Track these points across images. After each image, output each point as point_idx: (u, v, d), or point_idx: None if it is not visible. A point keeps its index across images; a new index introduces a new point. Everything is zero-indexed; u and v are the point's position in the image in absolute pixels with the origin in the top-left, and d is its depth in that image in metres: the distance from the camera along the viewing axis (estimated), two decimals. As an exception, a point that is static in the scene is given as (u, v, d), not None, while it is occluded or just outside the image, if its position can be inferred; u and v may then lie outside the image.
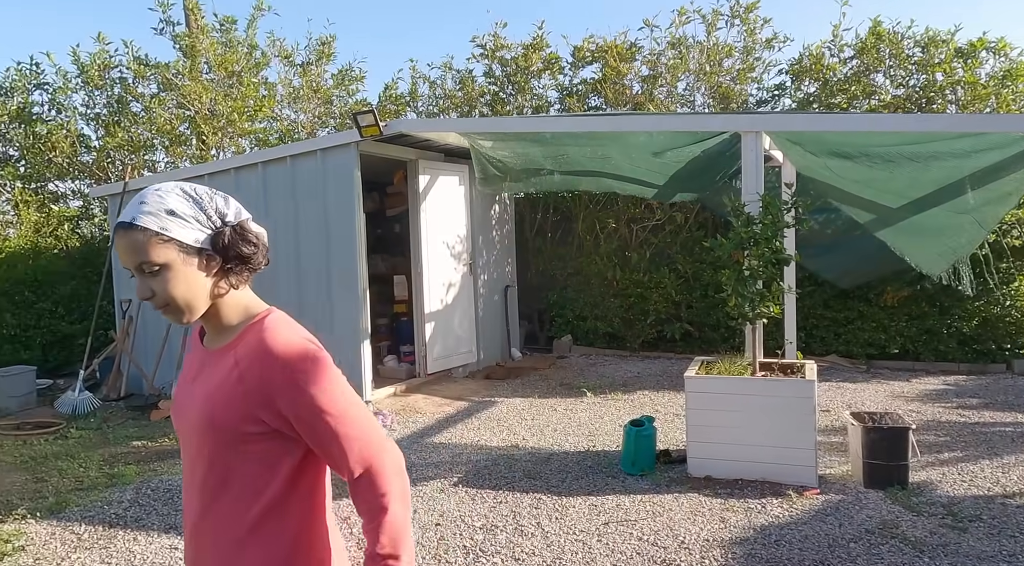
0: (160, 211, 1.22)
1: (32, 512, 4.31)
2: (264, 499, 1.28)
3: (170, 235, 1.22)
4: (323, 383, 1.25)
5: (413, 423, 6.14)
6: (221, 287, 1.31)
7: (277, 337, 1.27)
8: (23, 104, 9.48)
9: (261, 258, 1.37)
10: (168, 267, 1.23)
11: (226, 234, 1.28)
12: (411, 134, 6.72)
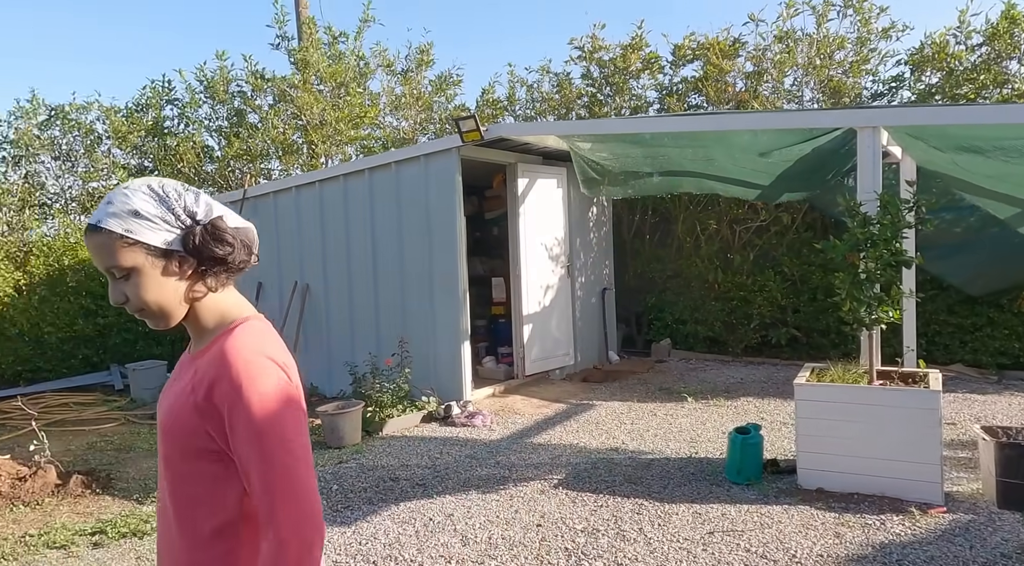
0: (124, 212, 1.15)
1: (165, 495, 4.67)
2: (215, 521, 1.20)
3: (135, 238, 1.15)
4: (261, 409, 1.13)
5: (512, 424, 6.21)
6: (198, 290, 1.23)
7: (234, 347, 1.17)
8: (156, 119, 10.32)
9: (241, 257, 1.26)
10: (137, 271, 1.16)
11: (196, 233, 1.19)
12: (511, 138, 6.80)
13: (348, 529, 3.99)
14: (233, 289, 1.31)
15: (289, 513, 1.11)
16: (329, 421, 5.73)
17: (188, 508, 1.21)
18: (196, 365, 1.23)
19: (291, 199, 8.09)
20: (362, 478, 4.88)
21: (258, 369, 1.15)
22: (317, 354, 7.96)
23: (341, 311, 7.73)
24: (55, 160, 9.86)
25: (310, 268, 7.98)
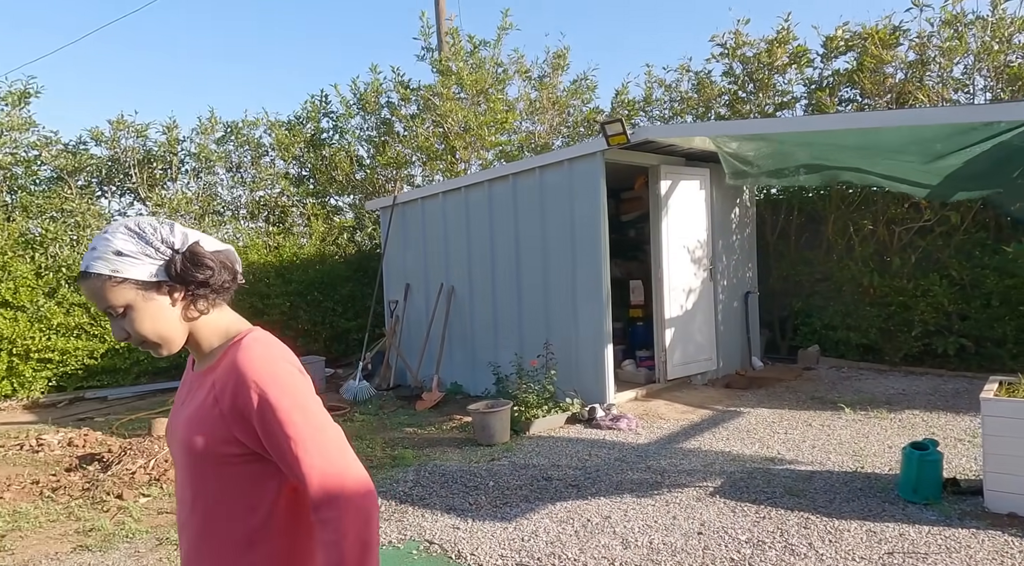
0: (108, 254, 1.22)
1: (338, 482, 5.04)
2: (253, 521, 1.27)
3: (123, 276, 1.22)
4: (290, 403, 1.21)
5: (658, 428, 6.16)
6: (191, 313, 1.30)
7: (249, 355, 1.24)
8: (314, 131, 11.14)
9: (223, 278, 1.31)
10: (131, 307, 1.24)
11: (177, 261, 1.25)
12: (656, 140, 6.75)
13: (509, 525, 4.14)
14: (227, 308, 1.38)
15: (342, 489, 1.19)
16: (480, 419, 5.95)
17: (221, 520, 1.27)
18: (211, 379, 1.28)
19: (438, 204, 8.45)
20: (516, 476, 5.03)
21: (277, 369, 1.23)
22: (461, 354, 8.27)
23: (485, 313, 7.98)
24: (227, 172, 10.89)
25: (455, 271, 8.30)
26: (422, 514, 4.41)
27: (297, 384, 1.25)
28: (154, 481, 5.23)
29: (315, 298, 10.22)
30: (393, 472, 5.28)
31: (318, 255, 10.48)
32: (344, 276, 10.51)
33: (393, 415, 7.33)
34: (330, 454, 1.21)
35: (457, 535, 4.05)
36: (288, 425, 1.20)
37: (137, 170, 9.97)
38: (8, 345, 8.33)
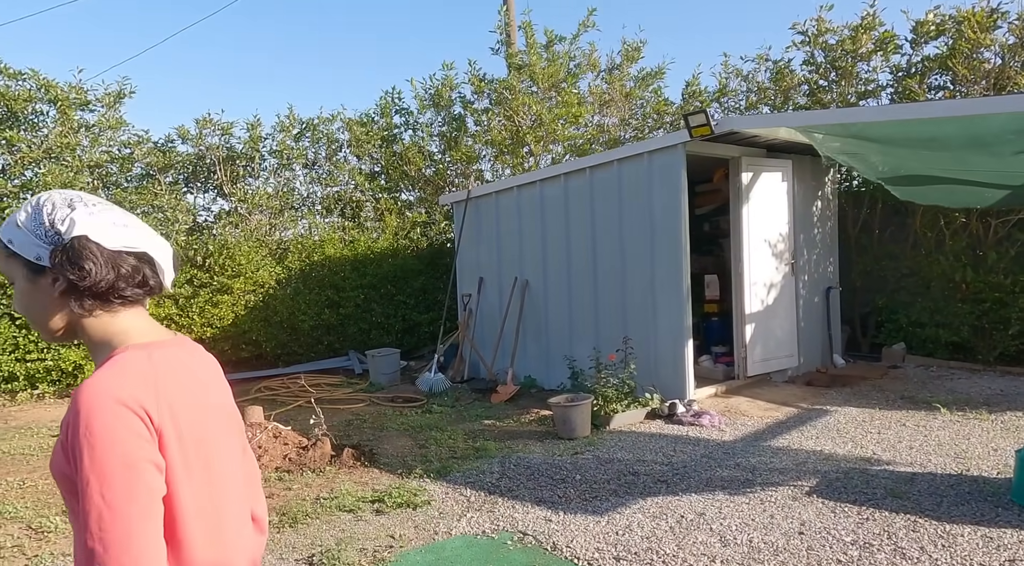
0: (12, 222, 1.13)
1: (426, 473, 5.13)
2: None
3: (12, 248, 1.13)
4: (92, 458, 1.00)
5: (742, 425, 6.05)
6: (75, 309, 1.14)
7: (85, 387, 1.06)
8: (388, 126, 11.33)
9: (106, 279, 1.13)
10: (14, 282, 1.15)
11: (58, 252, 1.10)
12: (740, 131, 6.60)
13: (601, 519, 4.13)
14: (128, 313, 1.20)
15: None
16: (561, 413, 5.95)
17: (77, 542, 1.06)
18: None
19: (512, 198, 8.48)
20: (601, 470, 5.02)
21: (100, 415, 1.02)
22: (535, 347, 8.29)
23: (560, 307, 7.98)
24: (304, 168, 11.19)
25: (529, 264, 8.32)
26: (512, 505, 4.44)
27: (111, 437, 1.02)
28: (249, 466, 5.42)
29: (388, 291, 10.40)
30: (478, 463, 5.33)
31: (391, 249, 10.66)
32: (416, 270, 10.66)
33: (470, 407, 7.40)
34: (109, 540, 0.99)
35: (550, 527, 4.06)
36: (83, 482, 1.01)
37: (221, 167, 10.34)
38: (105, 334, 8.77)
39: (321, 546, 3.95)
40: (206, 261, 9.44)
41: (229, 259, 9.49)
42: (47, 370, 8.66)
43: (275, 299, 9.84)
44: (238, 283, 9.59)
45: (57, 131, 8.96)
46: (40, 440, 6.71)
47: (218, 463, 1.21)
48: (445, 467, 5.24)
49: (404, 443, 6.10)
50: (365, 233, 10.69)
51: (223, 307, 9.51)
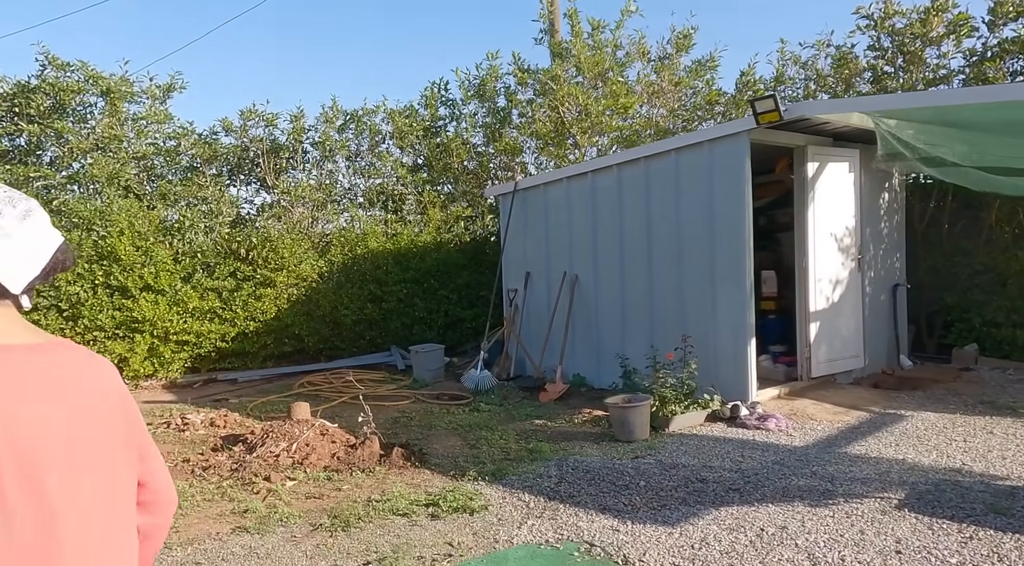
0: None
1: (480, 475, 4.90)
2: None
3: None
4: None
5: (811, 430, 5.69)
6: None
7: None
8: (431, 118, 11.13)
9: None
10: None
11: None
12: (810, 117, 6.23)
13: (673, 530, 3.84)
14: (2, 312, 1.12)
15: None
16: (619, 414, 5.67)
17: None
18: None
19: (562, 190, 8.20)
20: (666, 476, 4.73)
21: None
22: (584, 345, 8.00)
23: (611, 303, 7.68)
24: (346, 160, 11.03)
25: (579, 259, 8.04)
26: (575, 512, 4.18)
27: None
28: (297, 464, 5.26)
29: (431, 286, 10.21)
30: (533, 466, 5.08)
31: (434, 243, 10.46)
32: (460, 265, 10.45)
33: (518, 406, 7.16)
34: None
35: (618, 538, 3.79)
36: None
37: (265, 158, 10.25)
38: (150, 327, 8.73)
39: (376, 552, 3.73)
40: (249, 254, 9.35)
41: (272, 252, 9.39)
42: (93, 362, 8.65)
43: (318, 293, 9.72)
44: (281, 276, 9.48)
45: (105, 123, 8.95)
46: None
47: (60, 494, 1.03)
48: (500, 469, 5.00)
49: (454, 443, 5.88)
50: (408, 227, 10.50)
51: (266, 301, 9.41)
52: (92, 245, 8.62)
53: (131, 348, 8.66)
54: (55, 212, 8.76)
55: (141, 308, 8.64)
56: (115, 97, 8.88)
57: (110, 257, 8.64)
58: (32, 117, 8.79)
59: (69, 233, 8.61)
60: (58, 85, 8.62)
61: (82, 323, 8.51)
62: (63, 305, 8.50)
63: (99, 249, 8.65)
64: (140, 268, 8.71)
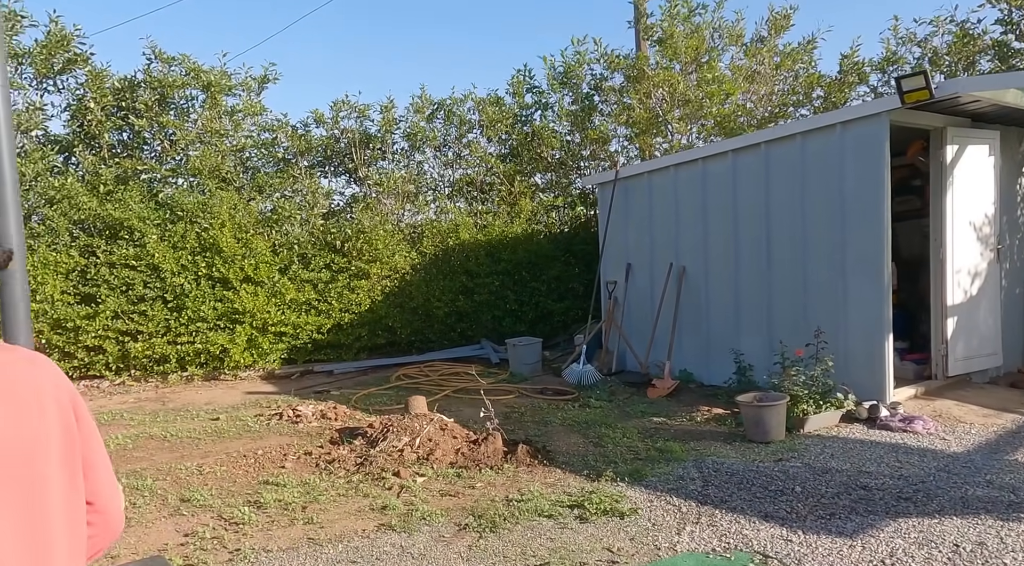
0: None
1: (618, 476, 4.66)
2: None
3: None
4: None
5: (965, 434, 5.27)
6: None
7: None
8: (521, 105, 10.90)
9: None
10: None
11: None
12: (959, 97, 5.75)
13: (854, 542, 3.54)
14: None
15: None
16: (754, 413, 5.36)
17: None
18: None
19: (668, 178, 7.89)
20: (821, 482, 4.41)
21: None
22: (692, 339, 7.68)
23: (723, 296, 7.34)
24: (435, 150, 10.90)
25: (687, 249, 7.71)
26: (735, 519, 3.91)
27: None
28: (423, 460, 5.14)
29: (522, 278, 10.03)
30: (669, 467, 4.83)
31: (525, 234, 10.26)
32: (551, 256, 10.23)
33: (629, 402, 6.91)
34: None
35: (793, 549, 3.51)
36: None
37: (356, 149, 10.22)
38: (250, 318, 8.81)
39: (535, 557, 3.55)
40: (344, 245, 9.34)
41: (366, 244, 9.35)
42: (196, 353, 8.79)
43: (410, 285, 9.65)
44: (375, 268, 9.45)
45: (205, 116, 9.05)
46: (202, 423, 6.71)
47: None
48: (636, 470, 4.76)
49: (576, 440, 5.66)
50: (499, 218, 10.31)
51: (360, 292, 9.39)
52: (195, 237, 8.74)
53: (232, 339, 8.75)
54: (160, 205, 8.91)
55: (242, 299, 8.72)
56: (216, 90, 8.96)
57: (212, 249, 8.74)
58: (139, 111, 8.94)
59: (174, 225, 8.74)
60: (164, 80, 8.75)
61: (186, 314, 8.63)
62: (168, 296, 8.65)
63: (202, 241, 8.76)
64: (241, 260, 8.79)
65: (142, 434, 6.29)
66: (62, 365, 8.41)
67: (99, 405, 7.74)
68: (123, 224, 8.52)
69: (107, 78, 8.95)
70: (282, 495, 4.53)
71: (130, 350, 8.50)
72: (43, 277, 8.19)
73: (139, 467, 5.30)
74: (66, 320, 8.27)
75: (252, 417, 6.84)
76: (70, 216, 8.42)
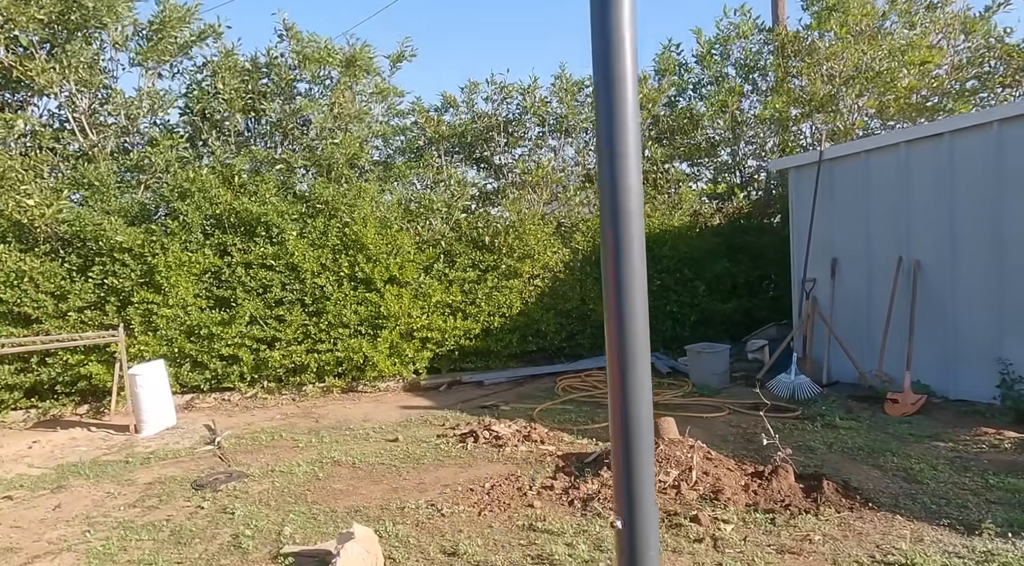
0: None
1: (1006, 530, 3.58)
2: None
3: None
4: None
5: None
6: None
7: None
8: (675, 84, 9.80)
9: None
10: None
11: None
12: None
13: None
14: None
15: None
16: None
17: None
18: None
19: (894, 158, 6.74)
20: None
21: None
22: (928, 346, 6.52)
23: (979, 295, 6.16)
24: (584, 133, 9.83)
25: (922, 241, 6.56)
26: None
27: None
28: (707, 499, 4.12)
29: (684, 276, 8.95)
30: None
31: (685, 227, 9.17)
32: (714, 252, 9.13)
33: (876, 422, 5.79)
34: None
35: None
36: None
37: (500, 133, 9.23)
38: (393, 323, 7.91)
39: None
40: (494, 241, 8.37)
41: (517, 239, 8.37)
42: (337, 362, 7.92)
43: (564, 285, 8.66)
44: (526, 266, 8.47)
45: (341, 98, 8.19)
46: (379, 445, 5.79)
47: None
48: (1018, 521, 3.66)
49: (871, 473, 4.57)
50: (659, 209, 9.23)
51: (510, 293, 8.43)
52: (337, 233, 7.87)
53: (374, 346, 7.86)
54: (298, 198, 8.06)
55: (386, 302, 7.82)
56: (357, 68, 8.06)
57: (355, 246, 7.87)
58: (269, 94, 8.11)
59: (313, 220, 7.88)
60: (304, 53, 7.88)
61: (326, 319, 7.77)
62: (307, 299, 7.79)
63: (344, 238, 7.88)
64: (386, 258, 7.89)
65: (323, 459, 5.39)
66: (194, 376, 7.62)
67: (245, 422, 6.90)
68: (260, 219, 7.68)
69: (236, 57, 8.13)
70: (572, 549, 3.55)
71: (267, 359, 7.65)
72: (175, 279, 7.39)
73: (356, 503, 4.39)
74: (200, 326, 7.46)
75: (435, 438, 5.90)
76: (204, 211, 7.60)
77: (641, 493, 1.72)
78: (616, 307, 1.67)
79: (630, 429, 1.70)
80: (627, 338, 1.67)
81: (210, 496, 4.66)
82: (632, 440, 1.70)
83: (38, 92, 7.84)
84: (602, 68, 1.65)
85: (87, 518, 4.36)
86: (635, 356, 1.67)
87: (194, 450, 5.89)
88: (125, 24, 7.73)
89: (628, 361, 1.67)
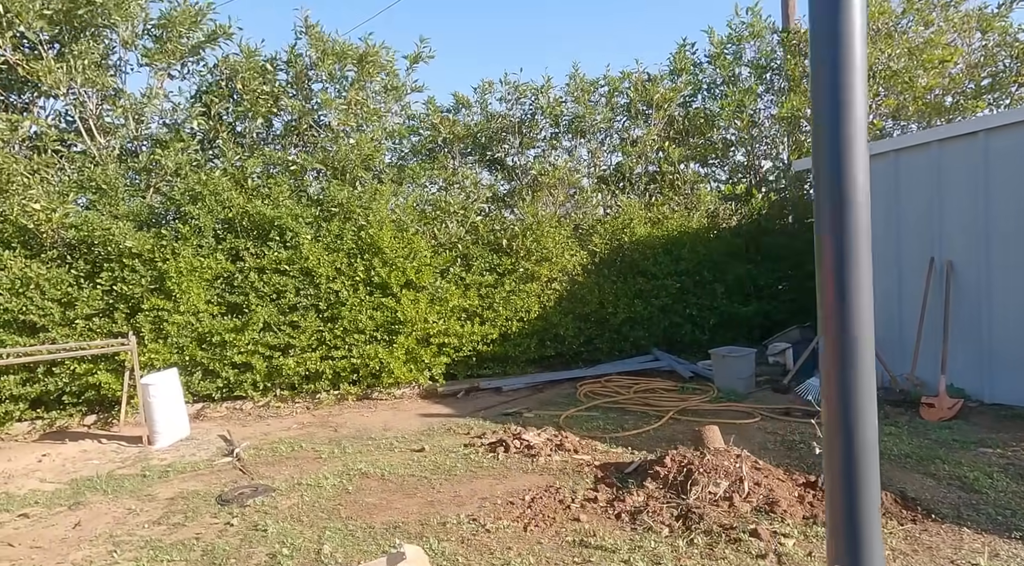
0: None
1: (1082, 540, 3.44)
2: None
3: None
4: None
5: None
6: None
7: None
8: (689, 82, 9.65)
9: None
10: None
11: None
12: None
13: None
14: None
15: None
16: None
17: None
18: None
19: (925, 156, 6.63)
20: None
21: None
22: (960, 346, 6.40)
23: (1013, 294, 6.04)
24: (596, 134, 9.66)
25: (954, 241, 6.44)
26: None
27: None
28: (762, 511, 3.96)
29: (703, 279, 8.81)
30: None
31: (704, 229, 9.02)
32: (734, 253, 9.00)
33: (915, 427, 5.65)
34: None
35: None
36: None
37: (513, 134, 9.07)
38: (409, 328, 7.72)
39: None
40: (512, 244, 8.20)
41: (535, 242, 8.20)
42: (352, 368, 7.72)
43: (583, 288, 8.49)
44: (544, 270, 8.30)
45: (356, 98, 8.00)
46: (405, 455, 5.61)
47: None
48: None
49: (924, 482, 4.43)
50: (677, 211, 9.08)
51: (528, 297, 8.26)
52: (352, 236, 7.67)
53: (391, 352, 7.67)
54: (312, 201, 7.86)
55: (403, 307, 7.63)
56: (371, 67, 7.87)
57: (371, 250, 7.67)
58: (287, 94, 7.92)
59: (328, 224, 7.69)
60: (324, 47, 7.68)
61: (341, 325, 7.57)
62: (322, 305, 7.59)
63: (359, 241, 7.69)
64: (403, 262, 7.70)
65: (350, 471, 5.20)
66: (206, 385, 7.40)
67: (261, 432, 6.69)
68: (273, 223, 7.48)
69: (258, 59, 7.90)
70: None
71: (280, 366, 7.44)
72: (186, 285, 7.17)
73: (393, 519, 4.20)
74: (212, 333, 7.25)
75: (463, 447, 5.72)
76: (216, 214, 7.39)
77: (870, 536, 1.50)
78: (837, 330, 1.48)
79: (854, 469, 1.52)
80: (850, 361, 1.48)
81: (238, 512, 4.46)
82: (858, 482, 1.51)
83: (45, 93, 7.61)
84: (828, 47, 1.46)
85: (111, 537, 4.15)
86: (860, 380, 1.48)
87: (212, 462, 5.69)
88: (136, 23, 7.51)
89: (851, 383, 1.49)
